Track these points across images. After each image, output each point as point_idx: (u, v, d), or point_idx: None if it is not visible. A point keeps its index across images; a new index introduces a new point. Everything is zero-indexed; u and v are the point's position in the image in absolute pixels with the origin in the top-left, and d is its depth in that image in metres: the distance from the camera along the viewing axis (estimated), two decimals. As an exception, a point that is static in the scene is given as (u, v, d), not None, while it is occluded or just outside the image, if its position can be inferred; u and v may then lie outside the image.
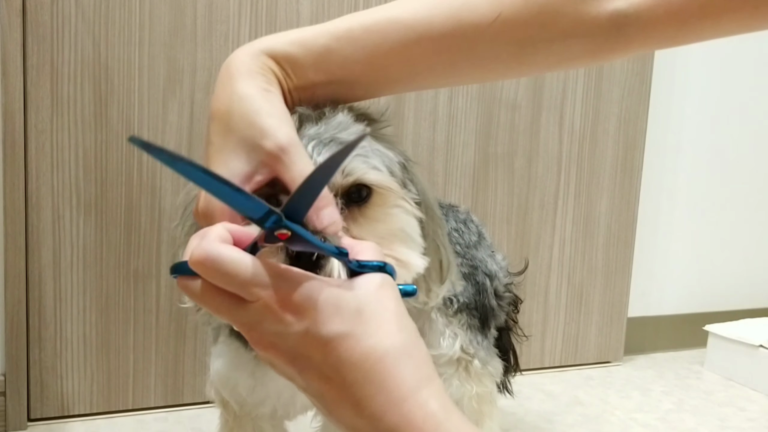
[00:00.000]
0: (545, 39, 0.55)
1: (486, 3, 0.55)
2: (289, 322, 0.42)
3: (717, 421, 1.46)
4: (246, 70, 0.53)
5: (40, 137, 1.23)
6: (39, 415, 1.30)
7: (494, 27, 0.54)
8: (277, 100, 0.53)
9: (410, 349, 0.43)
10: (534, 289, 1.64)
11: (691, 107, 1.81)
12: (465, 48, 0.55)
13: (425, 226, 0.59)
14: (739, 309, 1.91)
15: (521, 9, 0.54)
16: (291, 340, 0.42)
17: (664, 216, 1.84)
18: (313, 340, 0.42)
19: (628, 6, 0.53)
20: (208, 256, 0.42)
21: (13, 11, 1.16)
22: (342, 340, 0.42)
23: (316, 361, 0.43)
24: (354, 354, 0.42)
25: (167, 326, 1.35)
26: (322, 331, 0.42)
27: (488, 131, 1.54)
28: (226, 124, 0.52)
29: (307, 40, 0.55)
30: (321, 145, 0.54)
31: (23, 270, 1.24)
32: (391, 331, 0.43)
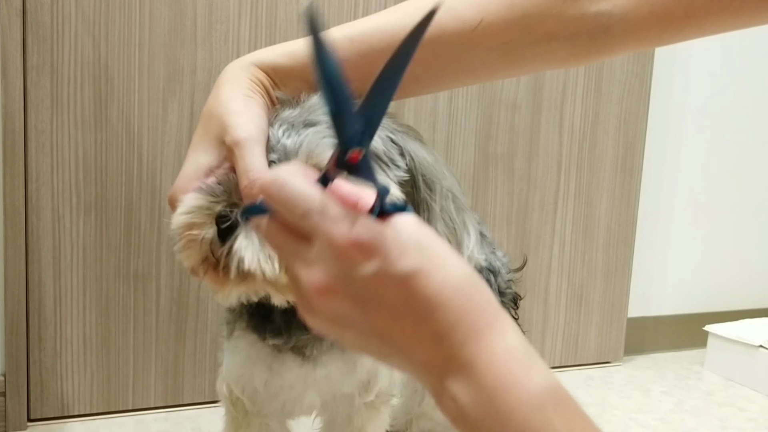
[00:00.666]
0: (530, 42, 0.55)
1: (469, 9, 0.55)
2: (358, 263, 0.41)
3: (717, 421, 1.46)
4: (233, 78, 0.57)
5: (40, 137, 1.23)
6: (39, 415, 1.30)
7: (478, 32, 0.54)
8: (254, 105, 0.56)
9: (479, 280, 0.43)
10: (534, 289, 1.64)
11: (691, 107, 1.81)
12: (450, 54, 0.56)
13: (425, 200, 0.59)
14: (739, 309, 1.91)
15: (504, 13, 0.55)
16: (359, 281, 0.41)
17: (664, 216, 1.84)
18: (385, 280, 0.41)
19: (612, 7, 0.53)
20: (277, 179, 0.42)
21: (13, 11, 1.16)
22: (415, 276, 0.40)
23: (389, 300, 0.41)
24: (429, 289, 0.40)
25: (167, 326, 1.35)
26: (393, 270, 0.40)
27: (488, 131, 1.54)
28: (205, 125, 0.57)
29: (295, 51, 0.58)
30: (291, 128, 0.56)
31: (23, 270, 1.24)
32: (457, 264, 0.42)
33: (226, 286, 0.56)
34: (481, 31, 0.55)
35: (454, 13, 0.55)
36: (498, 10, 0.55)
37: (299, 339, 0.73)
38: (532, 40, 0.55)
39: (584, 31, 0.54)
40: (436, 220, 0.59)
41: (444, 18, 0.55)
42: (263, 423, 0.87)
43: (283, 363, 0.76)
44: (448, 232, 0.61)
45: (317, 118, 0.56)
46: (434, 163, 0.61)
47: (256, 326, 0.75)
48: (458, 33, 0.55)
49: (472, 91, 1.51)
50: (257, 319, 0.74)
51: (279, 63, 0.58)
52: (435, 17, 0.56)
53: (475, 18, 0.55)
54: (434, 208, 0.59)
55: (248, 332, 0.77)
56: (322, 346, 0.74)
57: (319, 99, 0.57)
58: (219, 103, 0.57)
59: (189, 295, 1.36)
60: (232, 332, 0.79)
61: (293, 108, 0.58)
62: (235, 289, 0.56)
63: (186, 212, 0.56)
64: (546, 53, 0.56)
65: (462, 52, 0.56)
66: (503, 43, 0.55)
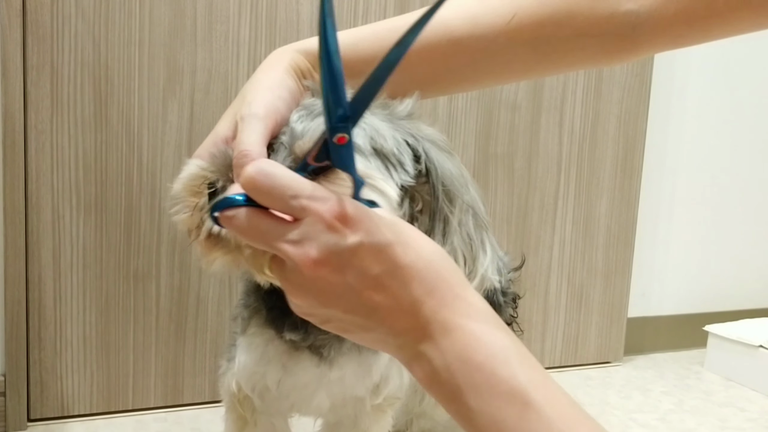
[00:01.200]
0: (561, 38, 0.57)
1: (502, 3, 0.57)
2: (345, 234, 0.44)
3: (717, 421, 1.46)
4: (273, 61, 0.60)
5: (40, 137, 1.23)
6: (39, 415, 1.30)
7: (511, 26, 0.56)
8: (280, 88, 0.58)
9: (446, 255, 0.47)
10: (534, 289, 1.64)
11: (691, 107, 1.81)
12: (483, 48, 0.58)
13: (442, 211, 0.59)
14: (739, 309, 1.91)
15: (537, 9, 0.56)
16: (346, 251, 0.44)
17: (664, 216, 1.84)
18: (369, 249, 0.44)
19: (639, 7, 0.55)
20: (262, 170, 0.44)
21: (13, 11, 1.16)
22: (394, 246, 0.45)
23: (372, 270, 0.45)
24: (406, 258, 0.45)
25: (167, 326, 1.35)
26: (376, 240, 0.45)
27: (488, 132, 1.54)
28: (236, 99, 0.60)
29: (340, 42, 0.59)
30: (307, 115, 0.57)
31: (23, 270, 1.24)
32: (426, 241, 0.47)
33: (210, 253, 0.57)
34: (515, 25, 0.56)
35: (488, 6, 0.57)
36: (530, 6, 0.56)
37: (317, 338, 0.72)
38: (563, 36, 0.57)
39: (613, 29, 0.56)
40: (452, 233, 0.60)
41: (478, 11, 0.57)
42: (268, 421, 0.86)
43: (298, 362, 0.75)
44: (464, 246, 0.61)
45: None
46: (458, 177, 0.60)
47: (274, 320, 0.74)
48: (492, 26, 0.57)
49: (472, 92, 1.51)
50: (276, 312, 0.74)
51: None
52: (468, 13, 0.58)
53: (509, 12, 0.56)
54: (452, 220, 0.60)
55: (265, 328, 0.76)
56: (341, 347, 0.74)
57: None
58: (251, 81, 0.60)
59: (189, 295, 1.36)
60: (246, 328, 0.79)
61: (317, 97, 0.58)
62: (219, 257, 0.57)
63: (185, 178, 0.57)
64: (577, 50, 0.58)
65: (496, 46, 0.57)
66: (535, 38, 0.57)
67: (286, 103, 0.58)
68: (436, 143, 0.60)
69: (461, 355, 0.44)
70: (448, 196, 0.60)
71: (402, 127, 0.59)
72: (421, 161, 0.59)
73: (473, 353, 0.44)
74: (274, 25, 1.33)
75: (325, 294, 0.46)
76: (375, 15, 1.39)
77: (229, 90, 1.32)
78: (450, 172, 0.60)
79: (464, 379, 0.44)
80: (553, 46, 0.57)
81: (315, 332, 0.72)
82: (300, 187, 0.44)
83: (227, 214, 0.47)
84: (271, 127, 0.56)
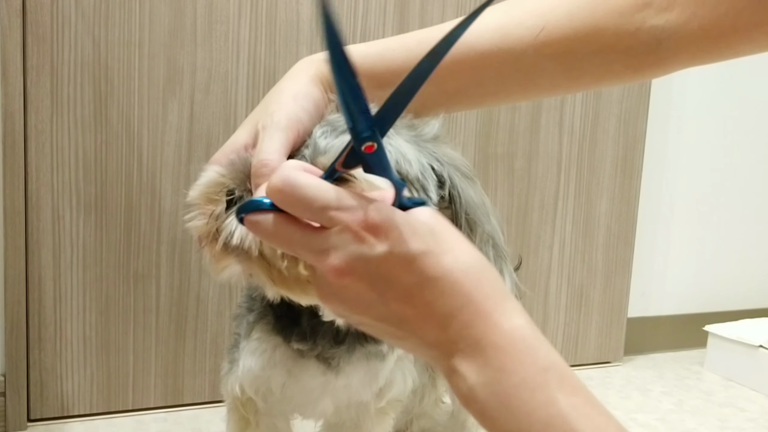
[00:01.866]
0: (588, 53, 0.57)
1: (531, 16, 0.57)
2: (372, 243, 0.43)
3: (717, 421, 1.46)
4: (299, 70, 0.60)
5: (40, 137, 1.23)
6: (39, 415, 1.30)
7: (539, 40, 0.56)
8: (304, 98, 0.57)
9: (487, 264, 0.44)
10: (534, 289, 1.64)
11: (691, 107, 1.81)
12: (512, 61, 0.57)
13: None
14: (739, 309, 1.91)
15: (565, 23, 0.56)
16: (373, 261, 0.43)
17: (664, 216, 1.84)
18: (397, 260, 0.43)
19: (665, 22, 0.55)
20: (288, 181, 0.43)
21: (13, 11, 1.16)
22: (425, 257, 0.42)
23: (400, 281, 0.43)
24: (438, 269, 0.42)
25: (167, 326, 1.35)
26: (404, 250, 0.42)
27: (488, 131, 1.54)
28: (259, 107, 0.59)
29: (363, 49, 0.60)
30: (332, 132, 0.56)
31: (23, 270, 1.24)
32: (466, 248, 0.44)
33: (222, 260, 0.56)
34: (543, 39, 0.56)
35: (517, 19, 0.57)
36: (559, 20, 0.56)
37: (327, 350, 0.72)
38: (590, 51, 0.57)
39: (639, 44, 0.56)
40: None
41: (507, 23, 0.57)
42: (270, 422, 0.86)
43: (304, 368, 0.75)
44: None
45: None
46: (480, 205, 0.60)
47: (283, 328, 0.74)
48: (521, 39, 0.56)
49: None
50: (284, 321, 0.73)
51: None
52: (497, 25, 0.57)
53: (537, 25, 0.56)
54: None
55: (272, 335, 0.75)
56: (350, 357, 0.73)
57: None
58: (275, 90, 0.59)
59: (189, 295, 1.36)
60: (250, 333, 0.78)
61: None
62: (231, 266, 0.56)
63: (202, 185, 0.56)
64: (604, 65, 0.58)
65: (524, 59, 0.57)
66: (563, 52, 0.57)
67: (309, 114, 0.57)
68: (460, 169, 0.60)
69: (496, 376, 0.42)
70: (470, 225, 0.59)
71: (428, 150, 0.58)
72: (445, 187, 0.58)
73: (509, 375, 0.41)
74: (274, 25, 1.33)
75: (353, 302, 0.45)
76: (375, 15, 1.39)
77: (229, 90, 1.32)
78: (473, 200, 0.59)
79: (499, 401, 0.41)
80: (580, 61, 0.58)
81: (323, 343, 0.72)
82: (327, 198, 0.43)
83: (253, 218, 0.46)
84: (293, 138, 0.55)
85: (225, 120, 1.32)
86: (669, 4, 0.55)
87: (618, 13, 0.56)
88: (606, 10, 0.56)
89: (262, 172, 0.53)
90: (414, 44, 0.59)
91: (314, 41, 1.35)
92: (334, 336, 0.71)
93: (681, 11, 0.55)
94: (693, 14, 0.54)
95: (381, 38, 1.49)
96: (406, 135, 0.57)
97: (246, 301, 0.81)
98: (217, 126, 1.32)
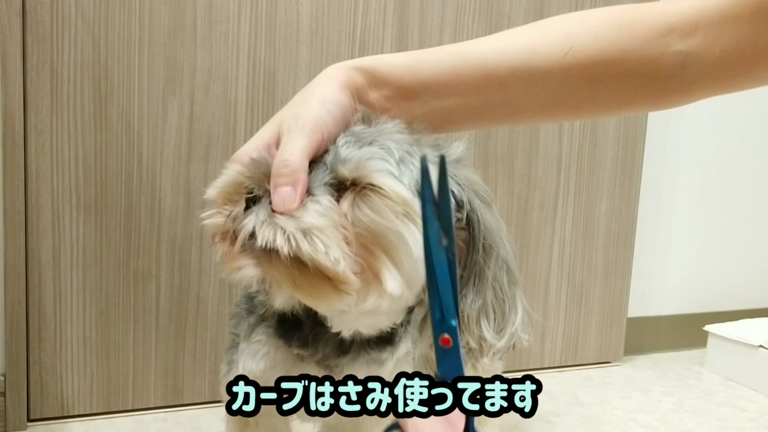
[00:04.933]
0: (613, 76, 0.57)
1: (558, 37, 0.58)
2: None
3: (717, 421, 1.46)
4: (328, 75, 0.59)
5: (40, 138, 1.23)
6: (39, 415, 1.30)
7: (566, 60, 0.57)
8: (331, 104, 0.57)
9: None
10: (534, 289, 1.64)
11: (691, 107, 1.80)
12: (539, 79, 0.58)
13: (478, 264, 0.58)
14: (739, 309, 1.91)
15: (591, 44, 0.57)
16: None
17: (664, 216, 1.84)
18: None
19: (688, 47, 0.56)
20: None
21: (13, 11, 1.16)
22: None
23: None
24: None
25: (167, 326, 1.35)
26: None
27: (488, 131, 1.54)
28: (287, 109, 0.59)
29: (393, 59, 0.60)
30: (355, 143, 0.56)
31: (23, 270, 1.24)
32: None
33: (236, 262, 0.55)
34: (570, 59, 0.57)
35: (545, 38, 0.58)
36: (585, 41, 0.57)
37: (329, 359, 0.71)
38: (616, 74, 0.57)
39: (663, 69, 0.56)
40: (486, 288, 0.59)
41: (536, 42, 0.58)
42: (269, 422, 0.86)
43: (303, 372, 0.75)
44: (497, 303, 0.59)
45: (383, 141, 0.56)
46: (497, 230, 0.60)
47: (285, 333, 0.73)
48: (548, 57, 0.57)
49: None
50: (287, 325, 0.72)
51: (379, 69, 0.59)
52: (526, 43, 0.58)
53: (565, 45, 0.57)
54: (487, 274, 0.59)
55: (273, 338, 0.75)
56: (353, 365, 0.72)
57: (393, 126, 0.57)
58: (302, 92, 0.59)
59: (189, 295, 1.36)
60: (252, 334, 0.78)
61: (367, 125, 0.58)
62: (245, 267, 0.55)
63: (222, 183, 0.56)
64: (629, 89, 0.58)
65: (551, 78, 0.58)
66: (589, 74, 0.57)
67: (335, 120, 0.57)
68: (479, 194, 0.60)
69: None
70: (486, 249, 0.59)
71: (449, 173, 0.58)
72: (463, 210, 0.58)
73: None
74: (274, 24, 1.33)
75: None
76: (375, 14, 1.39)
77: (229, 90, 1.32)
78: (491, 225, 0.59)
79: None
80: (605, 84, 0.58)
81: (327, 351, 0.71)
82: None
83: None
84: (317, 142, 0.55)
85: (225, 120, 1.32)
86: (692, 30, 0.55)
87: (642, 38, 0.56)
88: (631, 33, 0.57)
89: (283, 172, 0.52)
90: (444, 56, 0.59)
91: (314, 41, 1.35)
92: (338, 345, 0.71)
93: (703, 36, 0.55)
94: (715, 39, 0.55)
95: (381, 37, 1.49)
96: (430, 155, 0.57)
97: (245, 302, 0.81)
98: (217, 126, 1.32)
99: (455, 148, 0.60)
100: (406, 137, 0.57)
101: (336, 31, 1.37)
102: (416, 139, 0.57)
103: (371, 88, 0.60)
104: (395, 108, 0.60)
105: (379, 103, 0.60)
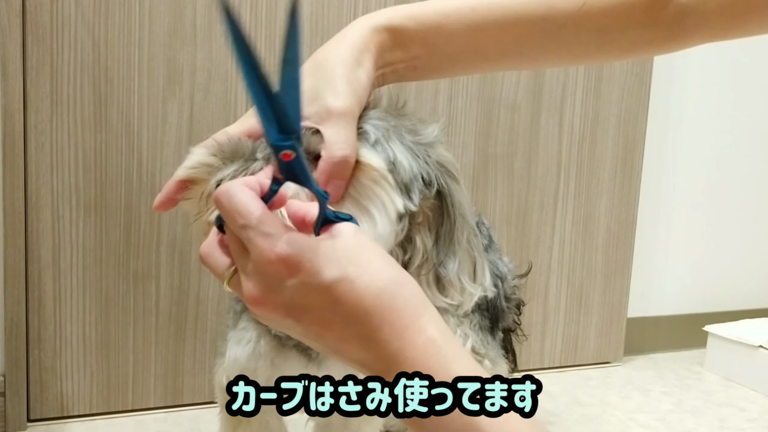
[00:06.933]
0: (620, 28, 0.63)
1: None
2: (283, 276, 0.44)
3: (717, 421, 1.46)
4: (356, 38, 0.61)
5: (40, 137, 1.23)
6: (39, 415, 1.30)
7: (580, 13, 0.62)
8: (362, 74, 0.58)
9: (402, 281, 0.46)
10: (534, 290, 1.64)
11: (691, 108, 1.81)
12: (554, 31, 0.62)
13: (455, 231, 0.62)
14: (739, 309, 1.91)
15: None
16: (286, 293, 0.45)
17: (664, 216, 1.84)
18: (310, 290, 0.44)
19: (687, 1, 0.61)
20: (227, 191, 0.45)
21: (12, 11, 1.16)
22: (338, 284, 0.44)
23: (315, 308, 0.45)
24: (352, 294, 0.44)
25: (167, 326, 1.35)
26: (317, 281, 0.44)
27: (488, 132, 1.54)
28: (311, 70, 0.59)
29: (419, 15, 0.62)
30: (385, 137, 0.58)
31: (23, 270, 1.24)
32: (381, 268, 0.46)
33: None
34: (583, 13, 0.62)
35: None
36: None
37: None
38: (623, 26, 0.62)
39: (663, 19, 0.62)
40: (462, 251, 0.62)
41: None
42: (263, 419, 0.86)
43: (286, 359, 0.75)
44: (470, 262, 0.63)
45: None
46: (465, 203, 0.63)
47: None
48: (564, 11, 0.61)
49: (472, 92, 1.51)
50: None
51: (404, 26, 0.61)
52: None
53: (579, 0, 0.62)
54: (461, 240, 0.62)
55: (258, 324, 0.76)
56: None
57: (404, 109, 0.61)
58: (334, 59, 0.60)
59: (189, 295, 1.36)
60: (237, 323, 0.79)
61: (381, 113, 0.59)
62: None
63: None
64: (633, 38, 0.64)
65: (565, 30, 0.62)
66: (600, 25, 0.62)
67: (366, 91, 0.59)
68: (449, 171, 0.62)
69: None
70: (458, 220, 0.62)
71: (421, 153, 0.60)
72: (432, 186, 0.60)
73: None
74: (274, 24, 1.33)
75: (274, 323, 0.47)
76: (375, 15, 1.39)
77: (229, 90, 1.32)
78: (460, 199, 0.62)
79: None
80: (612, 35, 0.63)
81: None
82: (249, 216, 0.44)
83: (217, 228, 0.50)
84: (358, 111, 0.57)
85: (225, 120, 1.32)
86: None
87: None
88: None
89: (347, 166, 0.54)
90: (468, 11, 0.61)
91: (314, 41, 1.35)
92: None
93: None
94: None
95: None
96: (406, 139, 0.59)
97: None
98: (217, 126, 1.31)
99: (431, 130, 0.62)
100: (384, 123, 0.59)
101: (336, 31, 1.36)
102: (395, 125, 0.59)
103: (395, 48, 0.61)
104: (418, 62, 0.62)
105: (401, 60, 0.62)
